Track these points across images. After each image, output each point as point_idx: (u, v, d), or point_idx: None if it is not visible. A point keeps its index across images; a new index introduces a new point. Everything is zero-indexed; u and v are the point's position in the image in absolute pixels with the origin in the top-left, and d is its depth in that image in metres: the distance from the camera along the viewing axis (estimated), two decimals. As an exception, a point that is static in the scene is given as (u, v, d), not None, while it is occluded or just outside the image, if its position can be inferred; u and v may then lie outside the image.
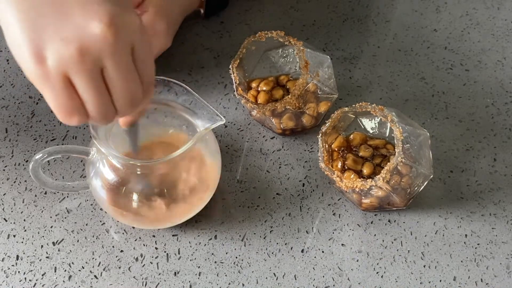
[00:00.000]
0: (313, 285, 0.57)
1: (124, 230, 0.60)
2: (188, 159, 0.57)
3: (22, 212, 0.61)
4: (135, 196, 0.56)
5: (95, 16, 0.41)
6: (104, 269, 0.57)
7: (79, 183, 0.60)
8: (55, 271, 0.57)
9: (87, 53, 0.41)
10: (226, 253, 0.59)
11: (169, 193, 0.56)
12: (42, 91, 0.42)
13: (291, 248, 0.59)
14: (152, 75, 0.45)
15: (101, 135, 0.53)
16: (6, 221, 0.60)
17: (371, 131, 0.62)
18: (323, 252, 0.59)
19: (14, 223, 0.60)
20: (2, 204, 0.61)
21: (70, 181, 0.61)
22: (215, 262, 0.58)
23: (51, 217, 0.61)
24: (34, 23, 0.41)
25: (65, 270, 0.57)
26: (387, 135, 0.61)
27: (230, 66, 0.63)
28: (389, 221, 0.61)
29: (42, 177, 0.58)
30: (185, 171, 0.57)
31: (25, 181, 0.63)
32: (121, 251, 0.59)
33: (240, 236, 0.60)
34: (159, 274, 0.57)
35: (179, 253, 0.59)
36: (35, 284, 0.56)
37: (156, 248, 0.59)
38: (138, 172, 0.55)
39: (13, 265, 0.57)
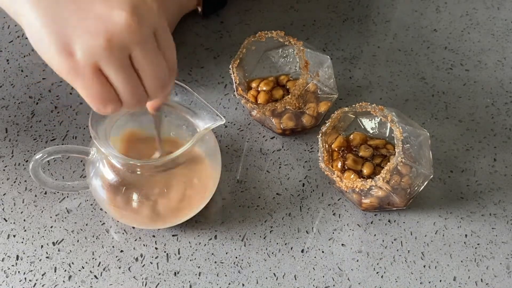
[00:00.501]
0: (313, 285, 0.57)
1: (124, 230, 0.60)
2: (188, 159, 0.57)
3: (22, 212, 0.61)
4: (135, 196, 0.56)
5: (116, 5, 0.41)
6: (104, 269, 0.57)
7: (79, 183, 0.60)
8: (55, 271, 0.57)
9: (114, 43, 0.41)
10: (226, 253, 0.59)
11: (169, 193, 0.56)
12: (73, 84, 0.43)
13: (291, 248, 0.59)
14: (174, 55, 0.46)
15: (101, 135, 0.53)
16: (6, 221, 0.60)
17: (371, 131, 0.62)
18: (323, 252, 0.59)
19: (14, 223, 0.60)
20: (2, 204, 0.61)
21: (70, 181, 0.61)
22: (215, 262, 0.58)
23: (51, 217, 0.61)
24: (55, 18, 0.41)
25: (65, 270, 0.57)
26: (387, 135, 0.61)
27: (230, 66, 0.63)
28: (389, 221, 0.61)
29: (42, 177, 0.58)
30: (185, 171, 0.57)
31: (25, 181, 0.63)
32: (121, 251, 0.59)
33: (240, 236, 0.60)
34: (159, 274, 0.57)
35: (179, 253, 0.59)
36: (35, 284, 0.56)
37: (156, 248, 0.59)
38: (138, 172, 0.55)
39: (13, 265, 0.57)
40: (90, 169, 0.57)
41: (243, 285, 0.57)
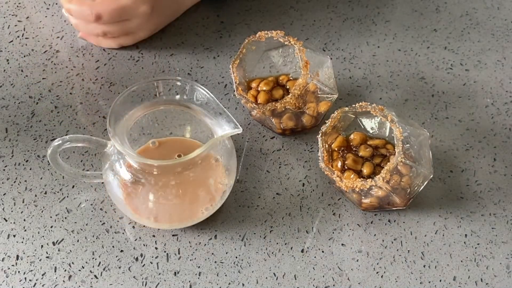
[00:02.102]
0: (313, 285, 0.57)
1: (124, 230, 0.60)
2: (203, 160, 0.57)
3: (22, 212, 0.61)
4: (149, 196, 0.56)
5: None
6: (104, 269, 0.57)
7: (95, 173, 0.60)
8: (55, 271, 0.57)
9: None
10: (226, 253, 0.59)
11: (185, 193, 0.56)
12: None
13: (291, 248, 0.59)
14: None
15: (118, 133, 0.53)
16: (6, 221, 0.60)
17: (371, 131, 0.62)
18: (323, 252, 0.59)
19: (14, 223, 0.60)
20: (2, 204, 0.61)
21: (86, 170, 0.60)
22: (215, 262, 0.58)
23: (51, 217, 0.61)
24: None
25: (65, 270, 0.57)
26: (387, 135, 0.61)
27: (230, 66, 0.63)
28: (389, 221, 0.61)
29: (60, 162, 0.58)
30: (200, 172, 0.57)
31: (25, 181, 0.63)
32: (121, 251, 0.59)
33: (240, 236, 0.60)
34: (159, 274, 0.57)
35: (179, 253, 0.59)
36: (35, 284, 0.56)
37: (156, 248, 0.59)
38: (155, 172, 0.55)
39: (13, 265, 0.57)
40: (105, 162, 0.57)
41: (243, 285, 0.57)
